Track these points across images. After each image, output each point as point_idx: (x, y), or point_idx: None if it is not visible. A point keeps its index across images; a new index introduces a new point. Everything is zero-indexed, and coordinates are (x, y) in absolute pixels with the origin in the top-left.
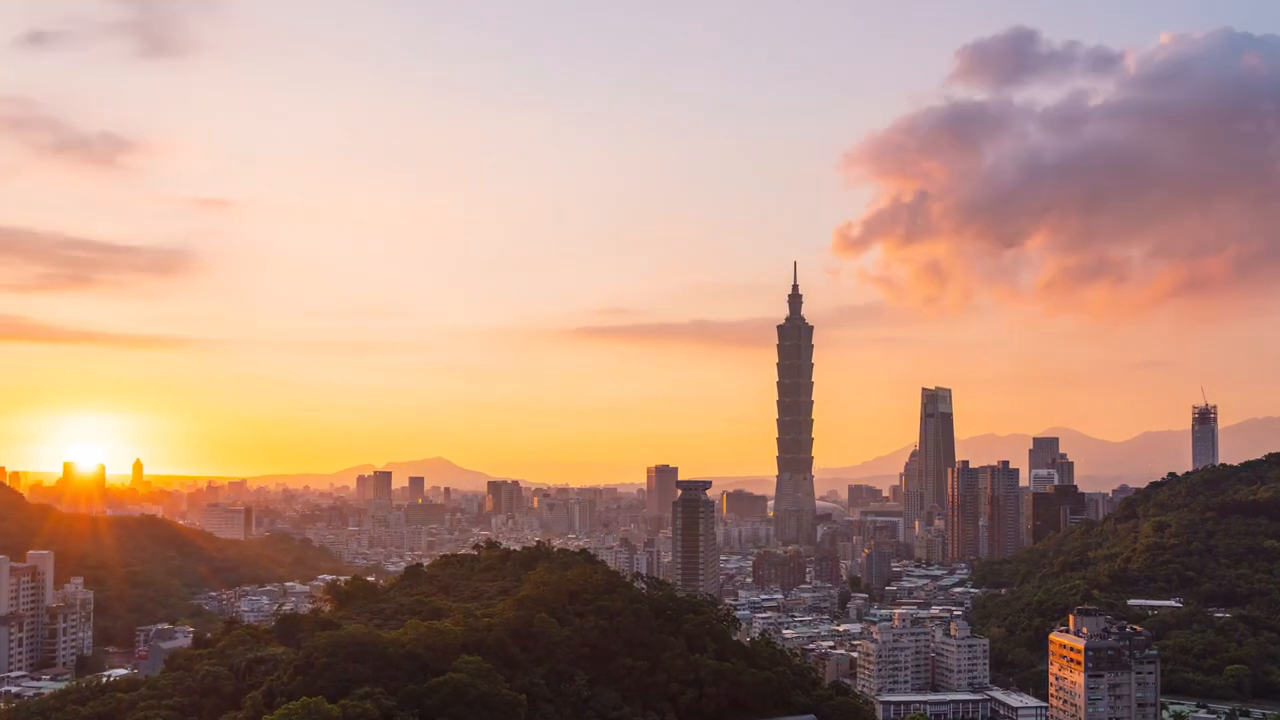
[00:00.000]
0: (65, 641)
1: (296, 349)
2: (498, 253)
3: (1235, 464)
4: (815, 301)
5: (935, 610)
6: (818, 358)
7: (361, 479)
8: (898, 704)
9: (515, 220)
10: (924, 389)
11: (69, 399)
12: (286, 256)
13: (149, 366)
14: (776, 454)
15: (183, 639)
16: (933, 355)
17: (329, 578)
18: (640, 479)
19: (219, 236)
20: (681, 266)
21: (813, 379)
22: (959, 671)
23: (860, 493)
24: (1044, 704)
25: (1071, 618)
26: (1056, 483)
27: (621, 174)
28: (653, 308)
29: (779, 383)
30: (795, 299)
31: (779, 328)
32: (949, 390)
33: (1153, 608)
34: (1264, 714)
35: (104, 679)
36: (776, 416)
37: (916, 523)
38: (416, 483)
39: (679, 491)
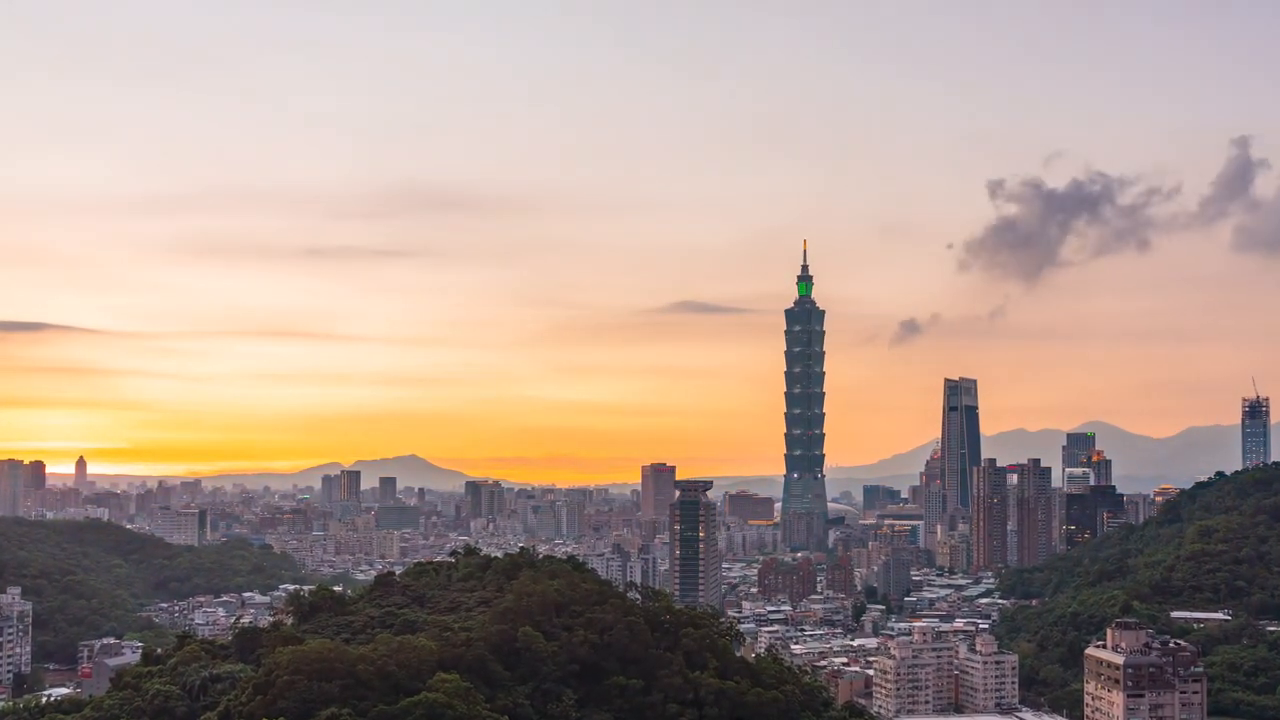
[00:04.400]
0: (1, 658)
1: (253, 335)
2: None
3: None
4: (826, 282)
5: (959, 623)
6: (830, 345)
7: (327, 479)
8: None
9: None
10: (947, 379)
11: (4, 390)
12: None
13: (94, 356)
14: (784, 451)
15: (131, 655)
16: (956, 343)
17: (291, 587)
18: (634, 478)
19: None
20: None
21: (824, 368)
22: (985, 691)
23: (876, 494)
24: None
25: (1109, 631)
26: (1092, 483)
27: (612, 148)
28: (647, 289)
29: (787, 372)
30: (805, 279)
31: (787, 311)
32: (974, 381)
33: (1198, 621)
34: None
35: (44, 699)
36: (784, 410)
37: (938, 527)
38: (388, 483)
39: (677, 492)
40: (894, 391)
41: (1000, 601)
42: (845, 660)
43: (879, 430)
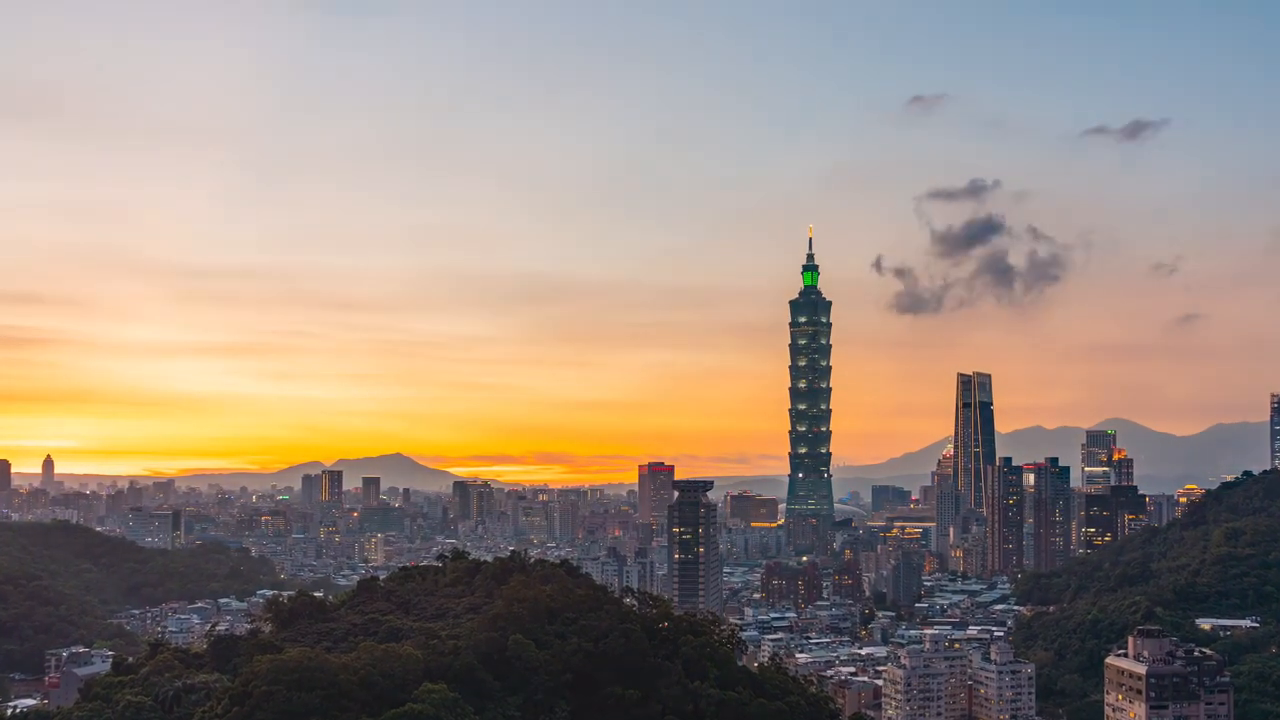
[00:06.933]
0: None
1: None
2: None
3: None
4: (833, 274)
5: (972, 631)
6: (837, 338)
7: (307, 479)
8: None
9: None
10: (960, 375)
11: None
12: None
13: (63, 354)
14: (789, 450)
15: (100, 664)
16: (970, 336)
17: (270, 593)
18: (630, 478)
19: None
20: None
21: (831, 363)
22: (1000, 702)
23: (886, 494)
24: None
25: (1131, 639)
26: (1113, 483)
27: (609, 134)
28: (644, 279)
29: (792, 367)
30: (811, 268)
31: (792, 303)
32: (989, 376)
33: (1225, 628)
34: None
35: (8, 711)
36: (789, 406)
37: (951, 529)
38: (371, 483)
39: (675, 493)
40: (905, 387)
41: (1016, 608)
42: (853, 670)
43: (889, 428)
